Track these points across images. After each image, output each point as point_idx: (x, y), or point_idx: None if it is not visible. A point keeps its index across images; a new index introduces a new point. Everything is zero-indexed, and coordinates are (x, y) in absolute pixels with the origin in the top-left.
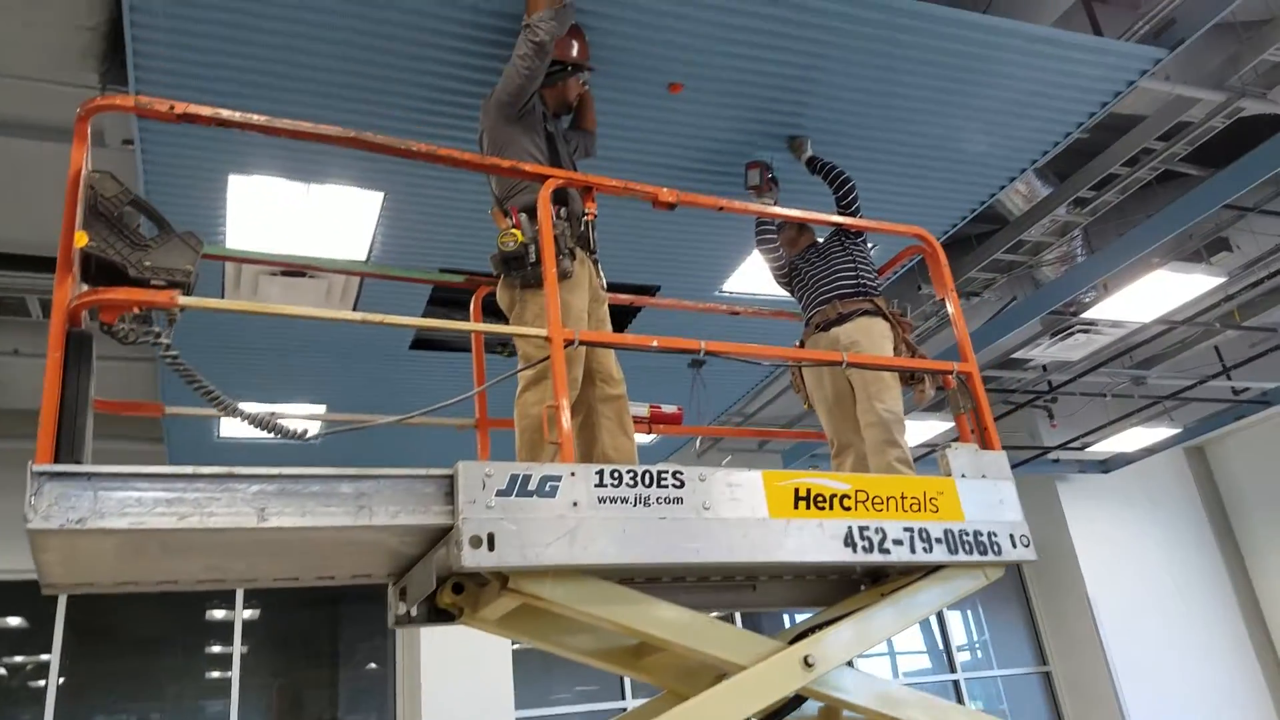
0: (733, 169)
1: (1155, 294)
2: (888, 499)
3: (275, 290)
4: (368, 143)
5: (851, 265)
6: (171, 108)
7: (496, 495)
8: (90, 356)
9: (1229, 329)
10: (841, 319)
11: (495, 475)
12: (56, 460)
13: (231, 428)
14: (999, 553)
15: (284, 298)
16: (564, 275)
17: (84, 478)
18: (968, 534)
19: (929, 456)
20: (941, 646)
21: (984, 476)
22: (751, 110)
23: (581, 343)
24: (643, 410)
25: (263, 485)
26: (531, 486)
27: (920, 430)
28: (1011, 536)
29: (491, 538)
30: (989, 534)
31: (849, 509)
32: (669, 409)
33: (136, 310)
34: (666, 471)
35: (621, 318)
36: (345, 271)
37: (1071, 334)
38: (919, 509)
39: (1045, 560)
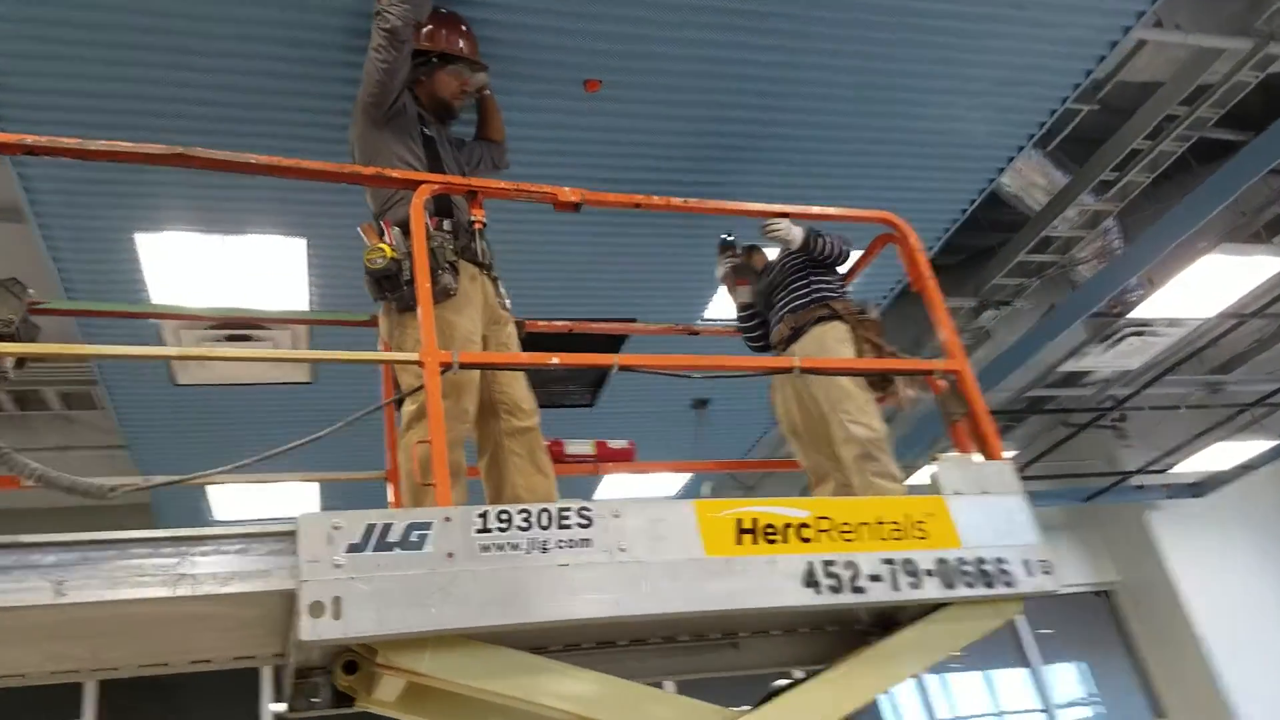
0: (681, 173)
1: (1211, 283)
2: (859, 525)
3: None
4: (192, 158)
5: (804, 279)
6: None
7: (347, 551)
8: None
9: None
10: (795, 334)
11: (346, 527)
12: None
13: (226, 508)
14: (1010, 583)
15: (232, 364)
16: (444, 293)
17: None
18: (967, 563)
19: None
20: (1042, 706)
21: (984, 492)
22: (699, 107)
23: (463, 365)
24: (588, 448)
25: (61, 554)
26: (393, 538)
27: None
28: (1026, 563)
29: (337, 602)
30: (995, 561)
31: (808, 540)
32: (618, 444)
33: None
34: (570, 509)
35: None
36: (277, 320)
37: (1123, 338)
38: (902, 535)
39: (1145, 600)
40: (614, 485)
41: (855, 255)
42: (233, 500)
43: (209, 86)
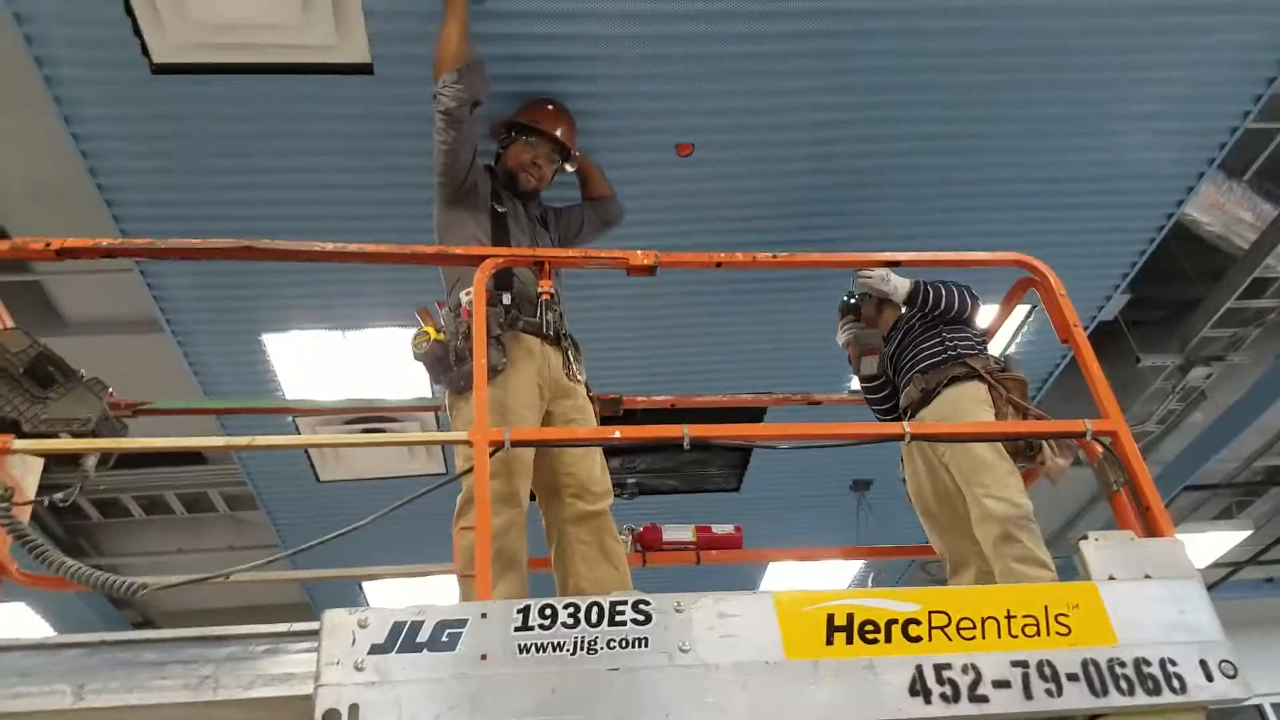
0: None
1: None
2: (983, 620)
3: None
4: (257, 250)
5: (936, 335)
6: (48, 245)
7: (370, 653)
8: None
9: None
10: (927, 396)
11: (372, 626)
12: None
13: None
14: (1182, 689)
15: (369, 456)
16: (492, 370)
17: None
18: (1123, 664)
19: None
20: None
21: (1147, 576)
22: (809, 160)
23: (515, 443)
24: (687, 534)
25: (83, 654)
26: (422, 637)
27: (1203, 547)
28: (1203, 663)
29: (354, 711)
30: (1161, 661)
31: (917, 639)
32: (722, 529)
33: None
34: (624, 602)
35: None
36: (408, 408)
37: None
38: (1038, 631)
39: None
40: (776, 578)
41: (988, 309)
42: (392, 595)
43: (324, 186)
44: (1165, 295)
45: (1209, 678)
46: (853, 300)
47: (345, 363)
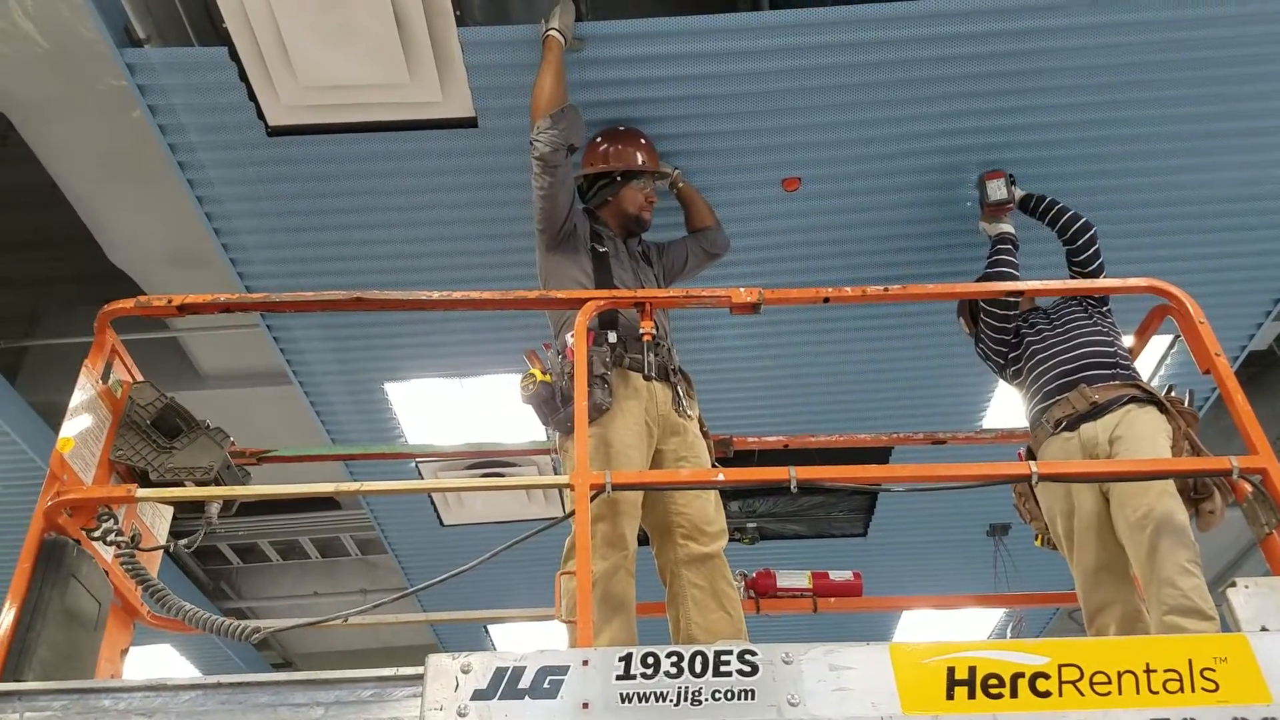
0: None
1: None
2: (1119, 675)
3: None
4: (368, 301)
5: (1105, 335)
6: (170, 301)
7: (472, 698)
8: (61, 564)
9: None
10: (1096, 410)
11: (475, 671)
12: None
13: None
14: None
15: (489, 500)
16: (597, 409)
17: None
18: None
19: None
20: None
21: None
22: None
23: (617, 487)
24: (803, 580)
25: (200, 696)
26: (524, 684)
27: None
28: None
29: None
30: None
31: (1046, 694)
32: (841, 576)
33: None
34: (730, 652)
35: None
36: (522, 452)
37: None
38: (1181, 687)
39: None
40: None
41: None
42: (519, 638)
43: (436, 239)
44: None
45: None
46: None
47: (464, 409)
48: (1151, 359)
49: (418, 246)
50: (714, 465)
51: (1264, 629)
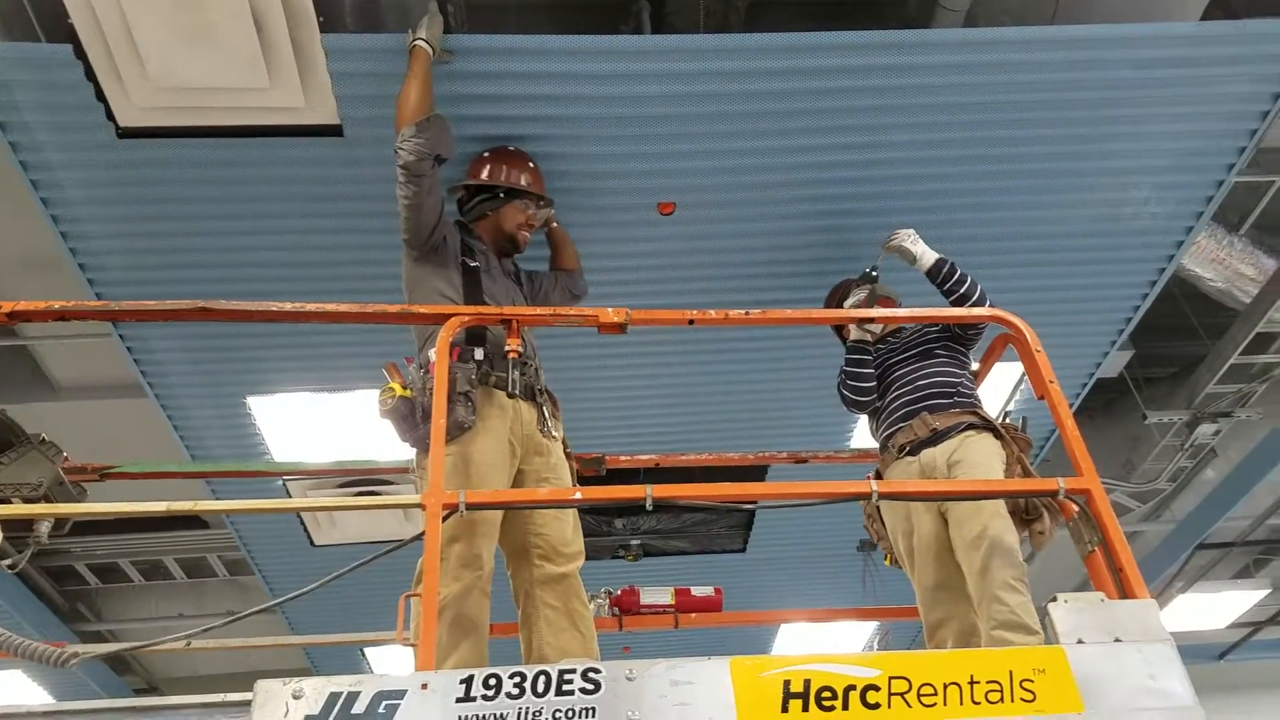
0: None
1: None
2: (944, 687)
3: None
4: (214, 310)
5: (953, 366)
6: None
7: None
8: None
9: None
10: (936, 436)
11: (307, 696)
12: None
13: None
14: None
15: (362, 520)
16: (459, 426)
17: None
18: None
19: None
20: None
21: (1117, 640)
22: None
23: (470, 507)
24: (666, 596)
25: None
26: (358, 709)
27: (1221, 606)
28: None
29: None
30: None
31: (875, 706)
32: (702, 592)
33: None
34: (574, 671)
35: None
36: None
37: None
38: (1002, 698)
39: None
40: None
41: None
42: (402, 662)
43: (298, 248)
44: (1172, 352)
45: None
46: (874, 272)
47: (335, 424)
48: (1007, 386)
49: (281, 255)
50: (574, 486)
51: (1080, 641)
